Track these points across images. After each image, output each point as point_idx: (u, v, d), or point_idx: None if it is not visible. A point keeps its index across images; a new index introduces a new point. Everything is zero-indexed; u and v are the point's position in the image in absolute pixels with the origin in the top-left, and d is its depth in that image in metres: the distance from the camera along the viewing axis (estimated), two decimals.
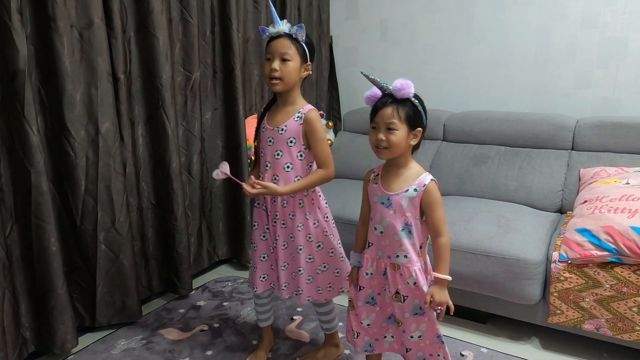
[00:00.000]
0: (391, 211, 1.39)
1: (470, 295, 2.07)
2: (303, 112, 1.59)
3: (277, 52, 1.53)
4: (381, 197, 1.41)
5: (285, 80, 1.55)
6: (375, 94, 1.39)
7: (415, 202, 1.37)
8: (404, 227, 1.38)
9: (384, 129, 1.35)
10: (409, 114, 1.34)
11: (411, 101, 1.35)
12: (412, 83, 1.33)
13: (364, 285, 1.49)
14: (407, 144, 1.37)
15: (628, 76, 2.50)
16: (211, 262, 2.68)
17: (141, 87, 2.14)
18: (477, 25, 2.85)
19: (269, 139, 1.61)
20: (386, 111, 1.34)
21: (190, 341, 2.01)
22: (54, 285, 1.78)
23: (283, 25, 1.54)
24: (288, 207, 1.63)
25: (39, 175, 1.70)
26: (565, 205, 2.34)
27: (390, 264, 1.42)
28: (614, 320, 1.76)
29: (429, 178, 1.38)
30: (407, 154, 1.41)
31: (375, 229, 1.44)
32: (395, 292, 1.43)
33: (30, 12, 1.73)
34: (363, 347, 1.55)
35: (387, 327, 1.52)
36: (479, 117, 2.70)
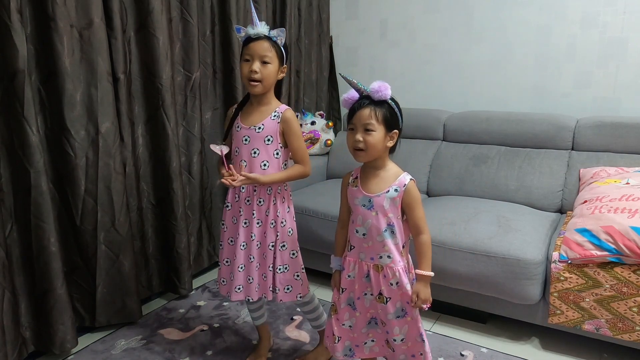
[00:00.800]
0: (373, 213, 1.40)
1: (470, 295, 2.07)
2: (280, 111, 1.60)
3: (256, 54, 1.54)
4: (362, 200, 1.42)
5: (264, 83, 1.56)
6: (353, 97, 1.40)
7: (396, 202, 1.38)
8: (387, 228, 1.39)
9: (361, 130, 1.36)
10: (386, 115, 1.35)
11: (388, 103, 1.36)
12: (389, 85, 1.35)
13: (345, 287, 1.50)
14: (384, 145, 1.38)
15: (628, 76, 2.50)
16: (211, 262, 2.68)
17: (141, 87, 2.14)
18: (477, 25, 2.85)
19: (244, 138, 1.61)
20: (364, 112, 1.35)
21: (190, 341, 2.01)
22: (53, 285, 1.78)
23: (262, 27, 1.55)
24: (264, 205, 1.63)
25: (39, 175, 1.70)
26: (565, 205, 2.34)
27: (374, 265, 1.43)
28: (614, 321, 1.76)
29: (408, 178, 1.40)
30: (385, 156, 1.42)
31: (357, 231, 1.44)
32: (379, 294, 1.43)
33: (30, 12, 1.73)
34: (343, 351, 1.56)
35: (367, 333, 1.53)
36: (479, 117, 2.70)
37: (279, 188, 1.64)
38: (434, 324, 2.15)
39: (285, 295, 1.68)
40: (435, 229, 2.05)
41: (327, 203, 2.37)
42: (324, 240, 2.32)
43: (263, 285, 1.68)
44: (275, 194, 1.63)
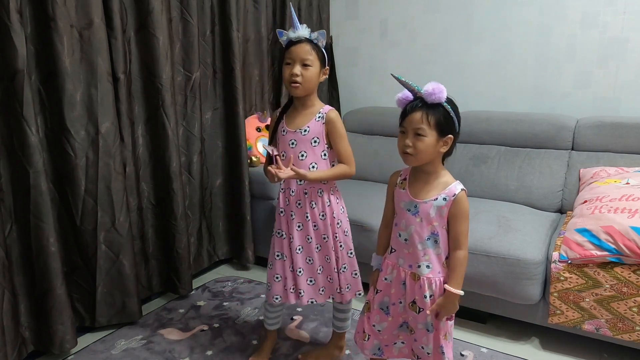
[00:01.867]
0: (418, 219, 1.34)
1: (470, 295, 2.07)
2: (324, 112, 1.61)
3: (298, 57, 1.54)
4: (408, 204, 1.36)
5: (305, 85, 1.56)
6: (407, 97, 1.33)
7: (443, 212, 1.32)
8: (430, 236, 1.34)
9: (412, 134, 1.29)
10: (439, 119, 1.27)
11: (443, 106, 1.28)
12: (444, 87, 1.27)
13: (381, 289, 1.46)
14: (436, 151, 1.31)
15: (628, 76, 2.50)
16: (211, 262, 2.68)
17: (141, 87, 2.14)
18: (477, 25, 2.85)
19: (291, 141, 1.61)
20: (415, 116, 1.28)
21: (190, 341, 2.01)
22: (53, 285, 1.78)
23: (303, 30, 1.55)
24: (317, 208, 1.63)
25: (38, 176, 1.70)
26: (565, 205, 2.34)
27: (411, 273, 1.38)
28: (614, 321, 1.76)
29: (460, 187, 1.33)
30: (437, 161, 1.35)
31: (400, 235, 1.39)
32: (412, 302, 1.39)
33: (30, 12, 1.73)
34: (371, 349, 1.52)
35: (398, 335, 1.49)
36: (479, 117, 2.70)
37: (330, 189, 1.64)
38: None
39: (347, 294, 1.71)
40: None
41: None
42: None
43: (330, 288, 1.70)
44: (328, 195, 1.63)
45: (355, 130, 3.12)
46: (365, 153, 2.90)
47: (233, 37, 2.47)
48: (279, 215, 1.69)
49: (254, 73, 2.79)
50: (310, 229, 1.64)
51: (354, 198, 2.41)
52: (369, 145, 2.95)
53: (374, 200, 2.19)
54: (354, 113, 3.17)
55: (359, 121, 3.10)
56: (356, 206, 2.31)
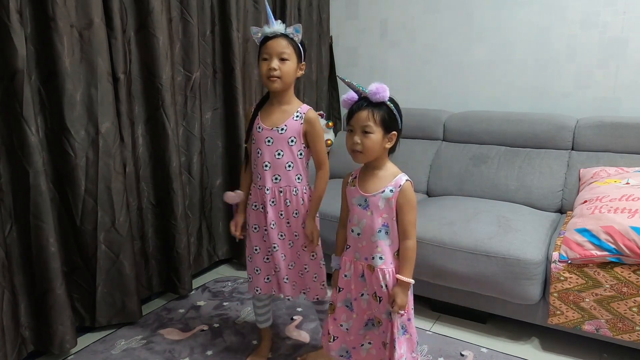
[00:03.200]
0: (368, 212, 1.40)
1: (470, 295, 2.07)
2: (302, 111, 1.60)
3: (274, 52, 1.54)
4: (358, 199, 1.42)
5: (284, 79, 1.55)
6: (352, 98, 1.39)
7: (391, 203, 1.38)
8: (381, 228, 1.39)
9: (359, 132, 1.36)
10: (384, 117, 1.35)
11: (386, 105, 1.36)
12: (387, 87, 1.34)
13: (342, 287, 1.50)
14: (382, 147, 1.38)
15: (628, 76, 2.50)
16: (211, 262, 2.68)
17: (141, 87, 2.14)
18: (477, 25, 2.85)
19: (267, 139, 1.60)
20: (362, 114, 1.35)
21: (190, 341, 2.01)
22: (53, 285, 1.78)
23: (278, 25, 1.55)
24: (291, 206, 1.64)
25: (38, 176, 1.70)
26: (565, 205, 2.34)
27: (367, 265, 1.43)
28: (614, 321, 1.76)
29: (405, 178, 1.39)
30: (383, 157, 1.42)
31: (353, 230, 1.44)
32: (374, 293, 1.44)
33: (30, 12, 1.73)
34: (338, 351, 1.55)
35: (365, 335, 1.52)
36: (479, 117, 2.70)
37: (304, 188, 1.64)
38: (434, 324, 2.14)
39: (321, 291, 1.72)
40: (435, 229, 2.05)
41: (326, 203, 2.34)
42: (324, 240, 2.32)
43: (301, 283, 1.71)
44: (302, 194, 1.64)
45: None
46: None
47: (233, 37, 2.47)
48: (253, 210, 1.69)
49: (254, 73, 2.79)
50: (284, 226, 1.65)
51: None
52: None
53: None
54: None
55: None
56: None
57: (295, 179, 1.62)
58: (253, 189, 1.69)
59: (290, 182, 1.62)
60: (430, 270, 2.05)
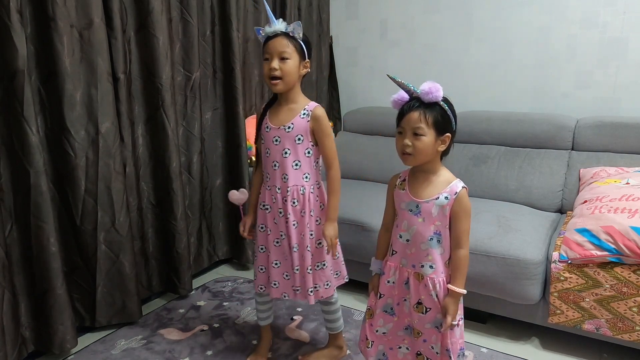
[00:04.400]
0: (420, 219, 1.34)
1: (470, 295, 2.05)
2: (309, 109, 1.59)
3: (275, 51, 1.53)
4: (409, 204, 1.36)
5: (286, 79, 1.54)
6: (402, 98, 1.32)
7: (445, 211, 1.32)
8: (433, 236, 1.34)
9: (410, 134, 1.29)
10: (437, 118, 1.27)
11: (440, 105, 1.29)
12: (440, 86, 1.27)
13: (384, 293, 1.45)
14: (435, 150, 1.31)
15: (628, 76, 2.50)
16: (211, 262, 2.68)
17: (141, 87, 2.14)
18: (477, 25, 2.85)
19: (274, 139, 1.60)
20: (413, 115, 1.28)
21: (190, 341, 2.01)
22: (53, 285, 1.78)
23: (279, 24, 1.54)
24: (299, 206, 1.62)
25: (38, 176, 1.70)
26: (565, 205, 2.34)
27: (414, 273, 1.37)
28: (614, 321, 1.76)
29: (461, 185, 1.33)
30: (436, 160, 1.35)
31: (401, 236, 1.39)
32: (417, 303, 1.38)
33: (30, 12, 1.73)
34: (376, 356, 1.51)
35: (403, 338, 1.48)
36: (479, 117, 2.70)
37: (312, 187, 1.63)
38: None
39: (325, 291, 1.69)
40: None
41: None
42: None
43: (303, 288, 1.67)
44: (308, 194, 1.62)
45: (355, 130, 3.12)
46: (365, 153, 2.90)
47: (233, 37, 2.46)
48: (262, 211, 1.68)
49: (254, 73, 2.79)
50: (291, 226, 1.62)
51: (354, 198, 2.41)
52: (369, 145, 2.95)
53: (374, 200, 2.19)
54: (354, 113, 3.17)
55: (359, 121, 3.10)
56: (356, 206, 2.31)
57: (302, 178, 1.61)
58: (262, 189, 1.69)
59: (297, 181, 1.61)
60: None
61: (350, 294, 2.38)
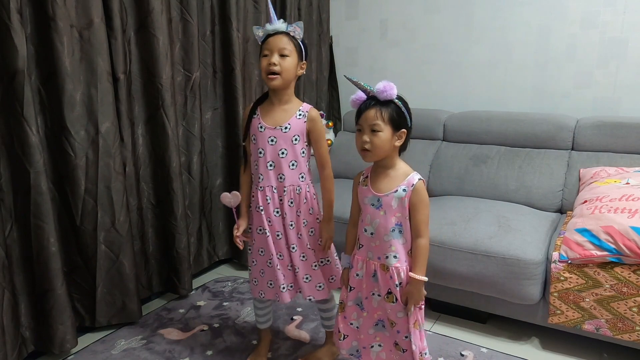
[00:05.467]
0: (381, 212, 1.40)
1: (470, 295, 2.07)
2: (304, 110, 1.60)
3: (275, 48, 1.54)
4: (371, 199, 1.42)
5: (284, 76, 1.55)
6: (360, 97, 1.40)
7: (404, 202, 1.38)
8: (395, 227, 1.39)
9: (368, 131, 1.36)
10: (392, 115, 1.35)
11: (394, 103, 1.36)
12: (394, 85, 1.34)
13: (354, 286, 1.50)
14: (392, 145, 1.38)
15: (628, 76, 2.50)
16: (211, 262, 2.68)
17: (141, 87, 2.14)
18: (477, 25, 2.85)
19: (270, 139, 1.59)
20: (370, 113, 1.36)
21: (190, 341, 2.01)
22: (53, 285, 1.78)
23: (280, 23, 1.56)
24: (294, 206, 1.63)
25: (38, 176, 1.70)
26: (565, 205, 2.34)
27: (380, 264, 1.43)
28: (614, 321, 1.76)
29: (417, 177, 1.39)
30: (394, 155, 1.42)
31: (366, 230, 1.44)
32: (387, 293, 1.43)
33: (30, 12, 1.73)
34: (349, 350, 1.56)
35: (375, 335, 1.52)
36: (479, 117, 2.70)
37: (307, 186, 1.64)
38: (434, 324, 2.14)
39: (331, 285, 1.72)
40: (435, 229, 2.05)
41: None
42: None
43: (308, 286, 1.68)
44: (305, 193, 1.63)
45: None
46: None
47: (233, 37, 2.47)
48: (258, 213, 1.65)
49: (254, 73, 2.79)
50: (287, 227, 1.63)
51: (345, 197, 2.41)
52: None
53: None
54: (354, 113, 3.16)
55: None
56: None
57: (298, 178, 1.62)
58: (257, 192, 1.65)
59: (293, 181, 1.61)
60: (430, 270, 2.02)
61: None
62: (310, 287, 1.68)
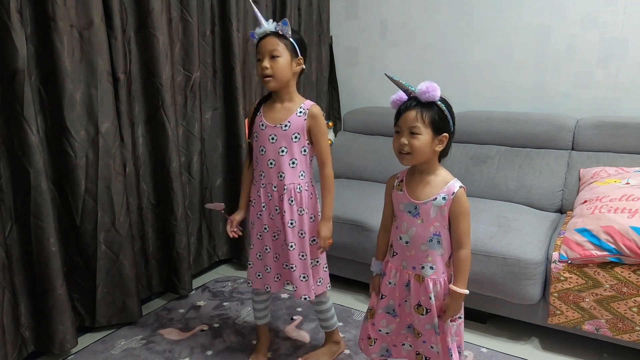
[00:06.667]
0: (419, 220, 1.34)
1: (470, 295, 2.03)
2: (305, 107, 1.60)
3: (265, 51, 1.55)
4: (408, 206, 1.36)
5: (277, 77, 1.56)
6: (401, 98, 1.33)
7: (444, 211, 1.31)
8: (432, 237, 1.33)
9: (407, 133, 1.29)
10: (434, 118, 1.28)
11: (437, 105, 1.29)
12: (438, 86, 1.27)
13: (385, 294, 1.45)
14: (432, 149, 1.31)
15: (628, 76, 2.50)
16: (211, 262, 2.68)
17: (141, 87, 2.14)
18: (477, 25, 2.85)
19: (270, 136, 1.60)
20: (409, 115, 1.28)
21: (190, 341, 2.01)
22: (53, 285, 1.78)
23: (268, 24, 1.56)
24: (295, 204, 1.62)
25: (38, 176, 1.70)
26: (565, 205, 2.34)
27: (415, 275, 1.38)
28: (614, 321, 1.76)
29: (458, 185, 1.32)
30: (434, 160, 1.35)
31: (401, 238, 1.38)
32: (417, 304, 1.38)
33: (30, 12, 1.73)
34: (379, 352, 1.52)
35: (406, 336, 1.48)
36: (479, 117, 2.70)
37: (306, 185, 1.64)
38: None
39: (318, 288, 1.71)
40: None
41: None
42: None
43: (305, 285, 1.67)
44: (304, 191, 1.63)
45: (355, 130, 3.12)
46: (365, 153, 2.90)
47: (233, 37, 2.47)
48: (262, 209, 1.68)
49: (254, 73, 2.78)
50: (287, 225, 1.62)
51: (354, 198, 2.41)
52: (369, 145, 2.95)
53: (374, 200, 2.19)
54: (354, 113, 3.17)
55: (358, 121, 3.10)
56: (355, 206, 2.31)
57: (298, 176, 1.62)
58: (256, 188, 1.68)
59: (294, 179, 1.61)
60: None
61: (350, 294, 2.38)
62: (306, 286, 1.67)
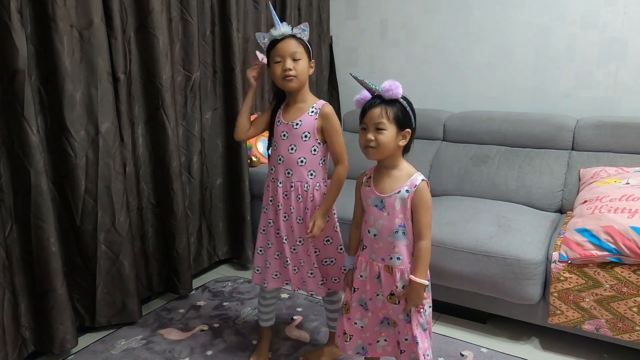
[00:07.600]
0: (385, 213, 1.39)
1: (470, 295, 2.07)
2: (317, 107, 1.61)
3: (287, 52, 1.56)
4: (374, 200, 1.42)
5: (300, 78, 1.58)
6: (365, 97, 1.40)
7: (407, 204, 1.37)
8: (398, 229, 1.39)
9: (372, 129, 1.36)
10: (397, 114, 1.35)
11: (400, 102, 1.36)
12: (399, 84, 1.34)
13: (357, 287, 1.50)
14: (396, 144, 1.37)
15: (628, 76, 2.50)
16: (211, 262, 2.68)
17: (141, 87, 2.14)
18: (476, 25, 2.85)
19: (282, 133, 1.63)
20: (375, 111, 1.35)
21: (190, 341, 2.01)
22: (53, 285, 1.78)
23: (285, 27, 1.57)
24: (303, 202, 1.63)
25: (38, 175, 1.70)
26: (565, 205, 2.34)
27: (384, 266, 1.42)
28: (614, 321, 1.76)
29: (420, 178, 1.38)
30: (397, 155, 1.41)
31: (369, 231, 1.44)
32: (390, 294, 1.43)
33: (30, 12, 1.73)
34: (355, 349, 1.56)
35: (380, 332, 1.52)
36: (479, 117, 2.70)
37: (316, 185, 1.64)
38: (433, 324, 2.14)
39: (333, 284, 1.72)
40: (435, 229, 2.03)
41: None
42: None
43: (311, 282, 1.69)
44: (313, 191, 1.63)
45: (355, 130, 3.10)
46: None
47: (233, 37, 2.47)
48: (269, 203, 1.70)
49: None
50: (294, 222, 1.64)
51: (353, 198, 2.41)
52: None
53: None
54: (354, 113, 3.17)
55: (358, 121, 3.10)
56: None
57: (307, 175, 1.62)
58: (269, 182, 1.70)
59: (301, 177, 1.62)
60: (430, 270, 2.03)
61: None
62: (314, 283, 1.69)
